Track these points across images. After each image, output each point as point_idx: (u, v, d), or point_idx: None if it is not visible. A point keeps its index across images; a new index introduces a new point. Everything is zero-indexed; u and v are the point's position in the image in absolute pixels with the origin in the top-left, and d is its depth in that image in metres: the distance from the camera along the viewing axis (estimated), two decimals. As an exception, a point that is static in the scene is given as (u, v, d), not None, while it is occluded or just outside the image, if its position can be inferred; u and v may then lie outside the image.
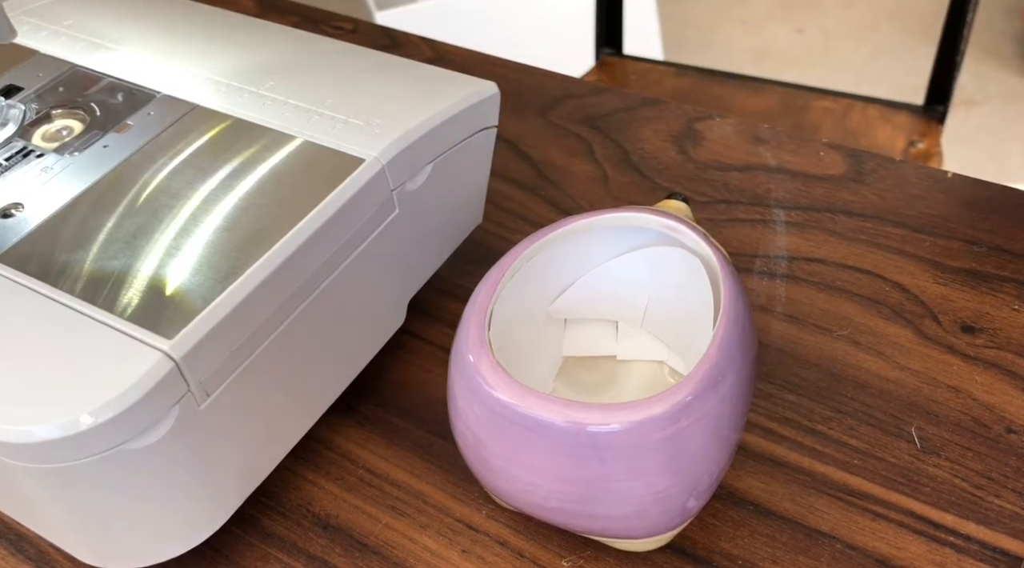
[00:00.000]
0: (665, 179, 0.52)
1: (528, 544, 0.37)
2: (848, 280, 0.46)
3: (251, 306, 0.33)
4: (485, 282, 0.35)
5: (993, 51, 1.83)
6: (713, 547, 0.36)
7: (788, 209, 0.50)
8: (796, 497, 0.38)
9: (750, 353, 0.34)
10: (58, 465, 0.30)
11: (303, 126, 0.40)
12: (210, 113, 0.41)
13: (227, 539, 0.38)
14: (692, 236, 0.37)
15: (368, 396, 0.43)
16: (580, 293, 0.40)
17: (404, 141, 0.39)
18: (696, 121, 0.56)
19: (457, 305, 0.46)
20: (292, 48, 0.45)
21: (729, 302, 0.34)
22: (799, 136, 0.54)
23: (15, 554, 0.38)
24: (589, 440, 0.30)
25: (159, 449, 0.31)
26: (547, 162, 0.54)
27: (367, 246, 0.38)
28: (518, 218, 0.51)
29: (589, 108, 0.57)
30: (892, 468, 0.38)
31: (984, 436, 0.39)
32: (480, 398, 0.32)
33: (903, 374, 0.41)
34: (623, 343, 0.41)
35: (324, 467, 0.40)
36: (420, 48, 0.63)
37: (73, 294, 0.33)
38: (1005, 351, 0.42)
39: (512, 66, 0.61)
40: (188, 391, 0.32)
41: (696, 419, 0.31)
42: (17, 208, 0.37)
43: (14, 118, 0.42)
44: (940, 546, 0.36)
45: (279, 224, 0.35)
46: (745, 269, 0.47)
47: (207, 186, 0.37)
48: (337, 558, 0.37)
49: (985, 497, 0.37)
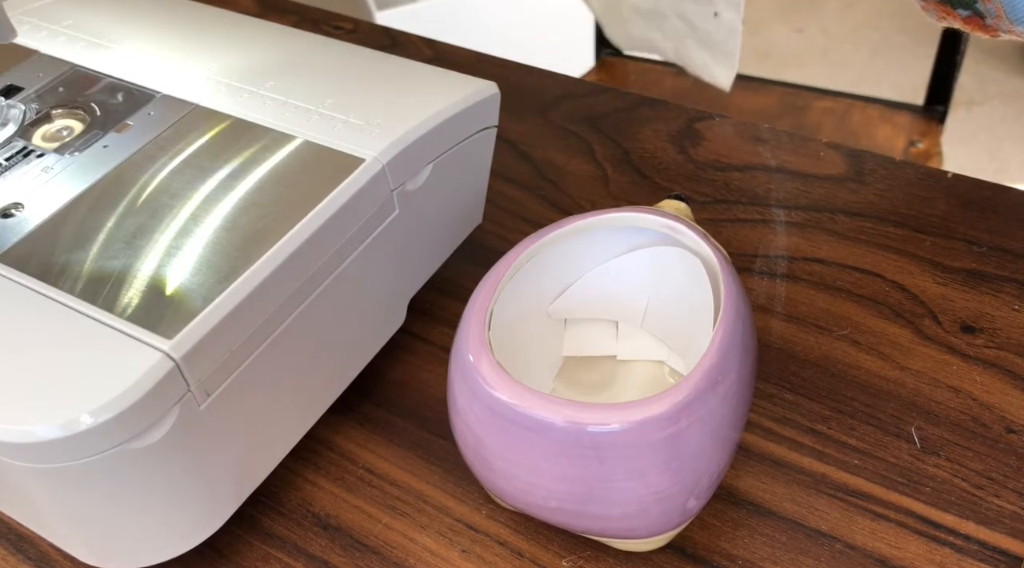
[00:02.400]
0: (665, 179, 0.52)
1: (528, 544, 0.37)
2: (848, 280, 0.46)
3: (251, 306, 0.33)
4: (485, 282, 0.35)
5: (993, 51, 1.83)
6: (713, 547, 0.36)
7: (788, 209, 0.50)
8: (796, 497, 0.38)
9: (750, 353, 0.34)
10: (58, 465, 0.30)
11: (303, 126, 0.40)
12: (210, 113, 0.41)
13: (227, 539, 0.38)
14: (692, 236, 0.37)
15: (368, 396, 0.43)
16: (580, 293, 0.40)
17: (404, 141, 0.39)
18: (696, 121, 0.56)
19: (457, 305, 0.46)
20: (292, 48, 0.45)
21: (729, 302, 0.34)
22: (799, 136, 0.54)
23: (15, 554, 0.38)
24: (589, 440, 0.30)
25: (159, 449, 0.31)
26: (547, 162, 0.54)
27: (367, 246, 0.38)
28: (518, 218, 0.51)
29: (589, 108, 0.57)
30: (892, 468, 0.38)
31: (984, 436, 0.39)
32: (480, 398, 0.32)
33: (903, 374, 0.41)
34: (623, 343, 0.41)
35: (324, 467, 0.40)
36: (420, 48, 0.63)
37: (73, 294, 0.33)
38: (1005, 351, 0.42)
39: (512, 66, 0.61)
40: (188, 391, 0.32)
41: (696, 419, 0.31)
42: (17, 208, 0.37)
43: (14, 118, 0.42)
44: (940, 546, 0.36)
45: (279, 224, 0.35)
46: (745, 269, 0.47)
47: (207, 186, 0.37)
48: (337, 558, 0.37)
49: (985, 497, 0.37)
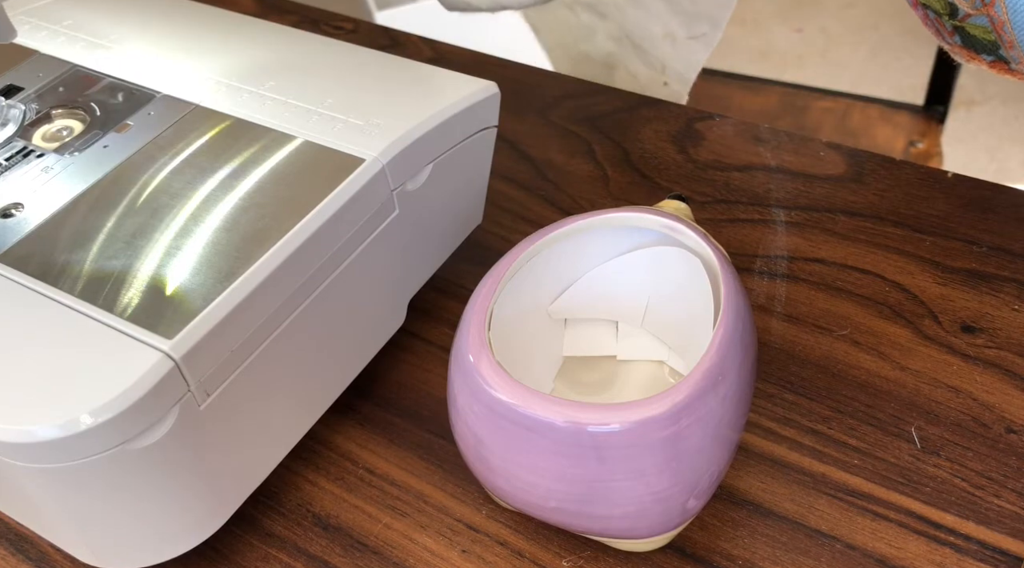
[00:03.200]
0: (665, 179, 0.52)
1: (528, 544, 0.37)
2: (848, 280, 0.46)
3: (251, 306, 0.33)
4: (485, 282, 0.35)
5: (993, 51, 1.83)
6: (713, 547, 0.36)
7: (788, 209, 0.50)
8: (796, 497, 0.38)
9: (750, 353, 0.34)
10: (58, 465, 0.30)
11: (303, 126, 0.40)
12: (210, 113, 0.41)
13: (227, 539, 0.38)
14: (692, 236, 0.37)
15: (368, 396, 0.43)
16: (580, 293, 0.40)
17: (404, 141, 0.39)
18: (696, 121, 0.56)
19: (457, 305, 0.46)
20: (292, 48, 0.45)
21: (729, 302, 0.34)
22: (799, 136, 0.54)
23: (15, 554, 0.38)
24: (589, 440, 0.30)
25: (159, 449, 0.31)
26: (547, 162, 0.54)
27: (367, 246, 0.38)
28: (518, 218, 0.51)
29: (589, 108, 0.57)
30: (892, 468, 0.38)
31: (984, 436, 0.39)
32: (480, 398, 0.32)
33: (903, 374, 0.41)
34: (623, 343, 0.41)
35: (324, 467, 0.40)
36: (420, 48, 0.63)
37: (73, 294, 0.33)
38: (1005, 351, 0.42)
39: (512, 66, 0.61)
40: (188, 391, 0.32)
41: (696, 419, 0.31)
42: (17, 208, 0.37)
43: (14, 118, 0.42)
44: (940, 546, 0.36)
45: (279, 224, 0.35)
46: (745, 269, 0.47)
47: (207, 186, 0.37)
48: (337, 558, 0.37)
49: (985, 497, 0.37)
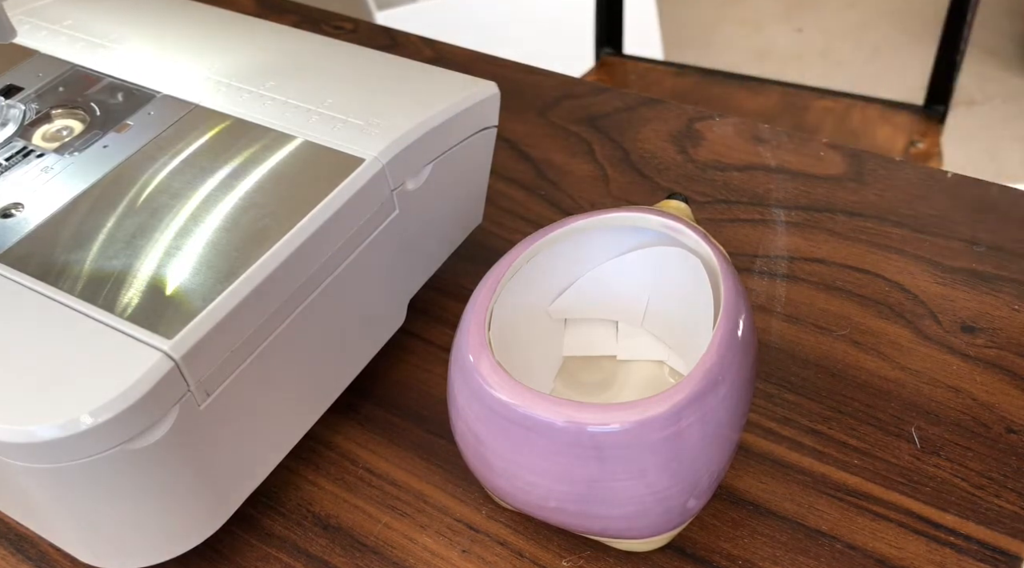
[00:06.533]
0: (665, 179, 0.52)
1: (528, 544, 0.37)
2: (848, 280, 0.46)
3: (251, 306, 0.33)
4: (485, 282, 0.35)
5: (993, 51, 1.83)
6: (713, 547, 0.36)
7: (788, 209, 0.50)
8: (796, 497, 0.38)
9: (750, 353, 0.34)
10: (58, 465, 0.30)
11: (303, 126, 0.40)
12: (210, 113, 0.41)
13: (227, 539, 0.38)
14: (692, 236, 0.37)
15: (368, 396, 0.43)
16: (580, 293, 0.40)
17: (404, 141, 0.39)
18: (696, 121, 0.56)
19: (457, 305, 0.46)
20: (292, 48, 0.45)
21: (729, 302, 0.34)
22: (799, 136, 0.54)
23: (15, 554, 0.38)
24: (589, 440, 0.30)
25: (159, 449, 0.31)
26: (547, 162, 0.54)
27: (367, 246, 0.38)
28: (518, 218, 0.51)
29: (589, 108, 0.57)
30: (892, 468, 0.38)
31: (984, 436, 0.39)
32: (480, 398, 0.32)
33: (903, 374, 0.41)
34: (623, 343, 0.41)
35: (324, 467, 0.40)
36: (420, 48, 0.63)
37: (73, 294, 0.33)
38: (1005, 351, 0.42)
39: (512, 66, 0.61)
40: (188, 391, 0.32)
41: (696, 419, 0.31)
42: (17, 208, 0.37)
43: (14, 118, 0.42)
44: (940, 546, 0.36)
45: (279, 224, 0.35)
46: (745, 269, 0.47)
47: (207, 186, 0.37)
48: (337, 558, 0.37)
49: (985, 497, 0.37)
